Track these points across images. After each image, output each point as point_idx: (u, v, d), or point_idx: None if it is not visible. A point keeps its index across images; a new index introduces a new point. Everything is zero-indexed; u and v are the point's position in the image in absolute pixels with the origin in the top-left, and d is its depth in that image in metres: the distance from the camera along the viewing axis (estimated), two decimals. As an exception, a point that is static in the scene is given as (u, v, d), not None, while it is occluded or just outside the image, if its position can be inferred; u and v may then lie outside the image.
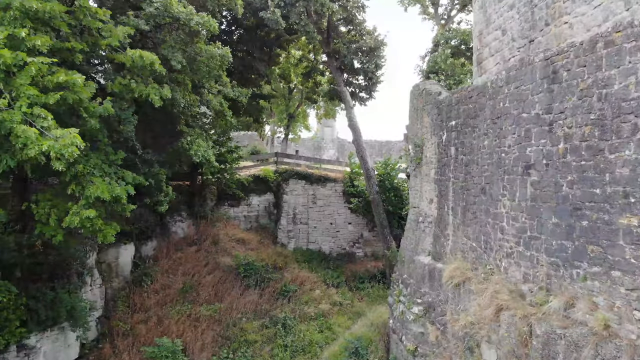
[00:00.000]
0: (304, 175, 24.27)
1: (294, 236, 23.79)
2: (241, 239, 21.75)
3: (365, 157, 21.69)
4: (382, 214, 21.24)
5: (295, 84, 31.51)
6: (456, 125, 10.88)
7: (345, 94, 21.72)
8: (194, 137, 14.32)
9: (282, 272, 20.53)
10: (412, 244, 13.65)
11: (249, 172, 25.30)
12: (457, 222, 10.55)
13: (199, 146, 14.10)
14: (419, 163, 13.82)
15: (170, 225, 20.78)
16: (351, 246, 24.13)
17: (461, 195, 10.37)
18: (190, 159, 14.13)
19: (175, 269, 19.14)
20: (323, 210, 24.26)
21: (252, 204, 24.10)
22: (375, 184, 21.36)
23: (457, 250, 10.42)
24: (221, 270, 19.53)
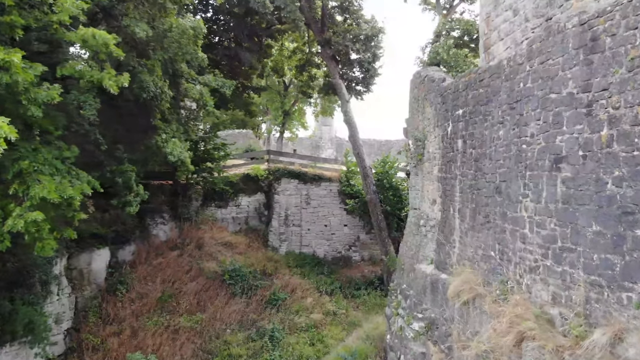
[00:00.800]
0: (297, 174, 22.75)
1: (286, 239, 22.26)
2: (228, 242, 20.22)
3: (361, 154, 20.17)
4: (379, 215, 19.72)
5: (289, 78, 29.96)
6: (464, 114, 9.35)
7: (341, 86, 20.20)
8: (170, 134, 12.78)
9: (272, 279, 19.00)
10: (412, 250, 12.11)
11: (239, 170, 23.78)
12: (465, 227, 9.02)
13: (175, 145, 12.56)
14: (420, 159, 12.30)
15: (151, 228, 19.24)
16: (347, 250, 22.61)
17: (470, 195, 8.84)
18: (165, 157, 12.60)
19: (155, 276, 17.61)
20: (317, 212, 22.74)
21: (242, 205, 22.57)
22: (372, 183, 19.84)
23: (465, 260, 8.89)
24: (205, 277, 18.00)
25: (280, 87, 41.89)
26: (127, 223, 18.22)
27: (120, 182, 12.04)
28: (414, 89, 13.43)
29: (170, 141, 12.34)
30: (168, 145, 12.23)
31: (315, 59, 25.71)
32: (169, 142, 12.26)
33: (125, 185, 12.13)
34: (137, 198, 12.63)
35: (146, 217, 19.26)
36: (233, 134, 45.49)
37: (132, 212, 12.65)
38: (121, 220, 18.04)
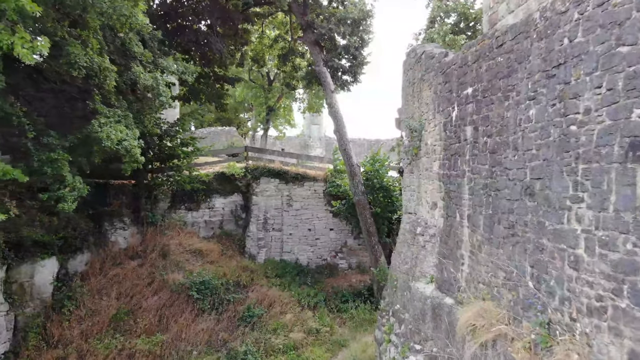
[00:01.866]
0: (278, 172, 20.54)
1: (265, 245, 20.04)
2: (198, 249, 17.93)
3: (348, 150, 18.03)
4: (368, 219, 17.60)
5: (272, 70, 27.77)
6: (475, 93, 7.24)
7: (325, 74, 18.04)
8: (112, 118, 10.51)
9: (247, 291, 16.76)
10: (406, 264, 9.99)
11: (214, 169, 21.50)
12: (477, 239, 6.91)
13: (118, 131, 10.29)
14: (415, 154, 10.19)
15: (109, 234, 16.89)
16: (333, 256, 20.45)
17: (485, 197, 6.73)
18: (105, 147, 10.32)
19: (110, 289, 15.27)
20: (300, 215, 20.55)
21: (216, 207, 20.29)
22: (360, 183, 17.71)
23: (479, 283, 6.78)
24: (169, 291, 15.70)
25: (264, 82, 39.76)
26: (80, 228, 15.86)
27: (49, 172, 9.72)
28: (407, 71, 11.33)
29: (110, 125, 10.06)
30: (103, 130, 9.94)
31: (300, 48, 23.51)
32: (105, 127, 9.97)
33: (56, 177, 9.81)
34: (74, 193, 10.31)
35: (103, 222, 16.92)
36: (215, 132, 43.18)
37: (68, 210, 10.35)
38: (72, 224, 15.69)
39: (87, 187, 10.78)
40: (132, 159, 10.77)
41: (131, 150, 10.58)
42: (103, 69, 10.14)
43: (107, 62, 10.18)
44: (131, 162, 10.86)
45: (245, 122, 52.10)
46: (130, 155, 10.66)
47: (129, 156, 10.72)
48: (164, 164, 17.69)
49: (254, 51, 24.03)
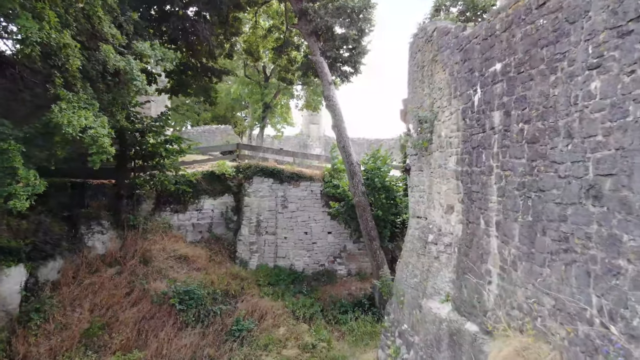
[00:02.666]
0: (272, 171, 19.08)
1: (258, 250, 18.58)
2: (184, 255, 16.46)
3: (347, 147, 16.58)
4: (369, 222, 16.14)
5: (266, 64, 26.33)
6: (505, 69, 5.80)
7: (322, 64, 16.58)
8: (76, 104, 9.06)
9: (236, 302, 15.29)
10: (415, 277, 8.54)
11: (204, 167, 20.04)
12: (511, 253, 5.46)
13: (82, 117, 8.84)
14: (426, 149, 8.74)
15: (85, 238, 15.41)
16: (331, 262, 18.99)
17: (522, 200, 5.29)
18: (68, 136, 8.86)
19: (83, 300, 13.80)
20: (296, 217, 19.09)
21: (204, 209, 18.81)
22: (361, 183, 16.25)
23: (514, 308, 5.33)
24: (149, 301, 14.23)
25: (261, 78, 38.28)
26: (52, 232, 14.41)
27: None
28: (415, 54, 9.90)
29: (72, 111, 8.61)
30: (64, 115, 8.49)
31: (296, 40, 22.07)
32: (67, 112, 8.52)
33: (6, 170, 8.36)
34: (27, 189, 8.85)
35: (79, 225, 15.46)
36: (210, 130, 41.80)
37: (20, 208, 8.89)
38: (43, 228, 14.25)
39: (45, 184, 9.31)
40: (99, 149, 9.29)
41: (98, 139, 9.10)
42: (63, 46, 8.67)
43: (67, 38, 8.71)
44: (99, 154, 9.38)
45: (242, 121, 50.70)
46: (98, 145, 9.19)
47: (96, 146, 9.25)
48: (146, 162, 16.23)
49: (247, 43, 22.57)
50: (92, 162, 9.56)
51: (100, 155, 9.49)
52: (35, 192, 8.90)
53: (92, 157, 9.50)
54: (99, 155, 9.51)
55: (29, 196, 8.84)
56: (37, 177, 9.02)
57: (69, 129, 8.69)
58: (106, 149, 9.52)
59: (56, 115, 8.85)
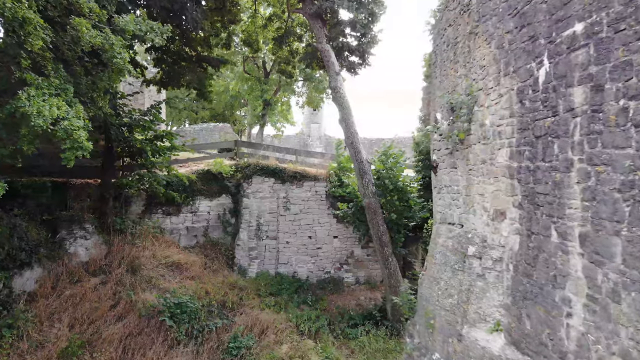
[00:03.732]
0: (273, 170, 17.59)
1: (258, 256, 17.08)
2: (176, 262, 14.95)
3: (356, 144, 15.09)
4: (381, 226, 14.65)
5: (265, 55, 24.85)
6: (592, 30, 4.31)
7: (329, 53, 15.09)
8: (47, 90, 7.57)
9: (234, 315, 13.78)
10: (450, 297, 7.04)
11: (199, 166, 18.56)
12: (610, 277, 3.97)
13: (54, 106, 7.36)
14: (461, 141, 7.25)
15: (67, 244, 13.90)
16: (337, 269, 17.50)
17: (629, 206, 3.79)
18: (34, 128, 7.36)
19: (62, 314, 12.28)
20: (299, 220, 17.60)
21: (200, 211, 17.31)
22: (371, 183, 14.75)
23: (615, 355, 3.84)
24: (137, 315, 12.71)
25: (260, 73, 36.79)
26: (29, 237, 12.89)
27: None
28: (442, 32, 8.41)
29: (42, 99, 7.14)
30: (33, 103, 7.02)
31: (298, 30, 20.58)
32: (36, 100, 7.04)
33: None
34: None
35: (60, 229, 13.95)
36: (208, 128, 40.33)
37: None
38: (18, 233, 12.72)
39: (4, 186, 7.80)
40: (74, 144, 7.80)
41: (72, 133, 7.61)
42: (23, 20, 7.17)
43: (28, 12, 7.21)
44: (74, 149, 7.89)
45: (241, 119, 49.28)
46: (73, 140, 7.70)
47: (71, 141, 7.75)
48: (134, 161, 14.73)
49: (245, 33, 21.06)
50: (66, 159, 8.05)
51: (74, 151, 7.99)
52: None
53: (66, 154, 8.00)
54: (74, 151, 8.01)
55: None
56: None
57: (39, 121, 7.20)
58: (82, 144, 8.02)
59: (24, 104, 7.36)
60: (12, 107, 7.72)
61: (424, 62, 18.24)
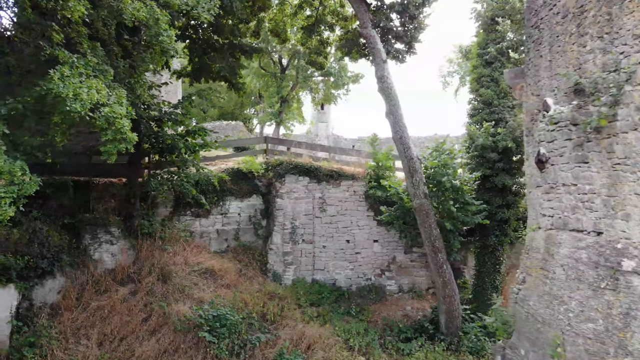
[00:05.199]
0: (307, 169, 16.25)
1: (293, 262, 15.75)
2: (210, 269, 13.65)
3: (405, 139, 13.76)
4: (433, 230, 13.31)
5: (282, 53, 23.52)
6: None
7: (374, 39, 13.77)
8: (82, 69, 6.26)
9: (276, 328, 12.46)
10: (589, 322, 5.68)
11: (227, 164, 17.26)
12: None
13: (93, 88, 6.06)
14: (597, 129, 5.92)
15: (91, 250, 12.62)
16: (378, 275, 16.16)
17: None
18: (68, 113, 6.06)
19: (90, 329, 11.00)
20: (336, 222, 16.27)
21: (230, 213, 16.00)
22: (422, 182, 13.42)
23: None
24: (172, 329, 11.41)
25: (276, 69, 35.53)
26: (50, 243, 11.60)
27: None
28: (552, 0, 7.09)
29: (78, 80, 5.85)
30: (68, 85, 5.73)
31: (329, 18, 19.25)
32: (71, 80, 5.75)
33: None
34: (13, 189, 6.04)
35: (83, 234, 12.66)
36: (220, 126, 39.09)
37: (2, 219, 6.08)
38: (39, 238, 11.44)
39: (37, 181, 6.50)
40: (116, 135, 6.50)
41: (114, 121, 6.32)
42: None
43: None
44: (116, 142, 6.59)
45: (251, 118, 48.06)
46: (115, 130, 6.40)
47: (112, 131, 6.46)
48: (163, 158, 13.41)
49: (272, 22, 19.72)
50: (106, 153, 6.76)
51: (116, 143, 6.68)
52: (23, 193, 6.10)
53: (107, 147, 6.71)
54: (115, 143, 6.70)
55: (13, 200, 6.03)
56: (27, 171, 6.22)
57: (76, 105, 5.91)
58: (125, 135, 6.73)
59: (56, 85, 6.07)
60: (41, 90, 6.42)
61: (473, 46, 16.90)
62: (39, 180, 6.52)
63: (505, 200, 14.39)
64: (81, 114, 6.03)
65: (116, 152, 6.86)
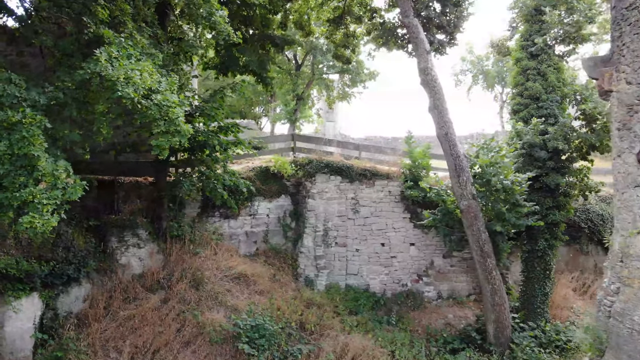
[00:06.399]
0: (339, 168, 15.34)
1: (326, 266, 14.86)
2: (242, 274, 12.77)
3: (452, 135, 12.85)
4: (482, 233, 12.42)
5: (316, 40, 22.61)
6: None
7: (417, 28, 12.87)
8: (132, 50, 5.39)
9: (316, 339, 11.59)
10: None
11: (252, 163, 16.39)
12: None
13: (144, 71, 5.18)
14: None
15: (118, 254, 11.75)
16: (415, 281, 15.26)
17: None
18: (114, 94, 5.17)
19: (121, 341, 10.14)
20: (370, 224, 15.38)
21: (259, 214, 15.13)
22: (470, 182, 12.52)
23: None
24: (207, 340, 10.55)
25: (291, 66, 34.61)
26: (75, 247, 10.73)
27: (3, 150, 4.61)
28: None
29: (128, 60, 4.98)
30: (117, 67, 4.85)
31: (356, 9, 18.34)
32: (120, 62, 4.88)
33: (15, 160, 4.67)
34: (56, 194, 5.14)
35: (109, 236, 11.79)
36: (233, 124, 38.13)
37: (44, 230, 5.19)
38: (64, 242, 10.58)
39: (83, 184, 5.62)
40: (169, 127, 5.62)
41: (168, 111, 5.44)
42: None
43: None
44: (169, 135, 5.71)
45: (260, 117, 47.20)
46: (169, 121, 5.53)
47: (166, 123, 5.58)
48: (194, 156, 12.49)
49: (297, 14, 18.79)
50: (157, 148, 5.90)
51: (170, 137, 5.79)
52: (67, 198, 5.21)
53: (158, 140, 5.84)
54: (168, 136, 5.81)
55: (57, 207, 5.13)
56: (70, 172, 5.34)
57: (129, 90, 5.03)
58: (179, 127, 5.84)
59: (104, 67, 5.20)
60: (85, 73, 5.54)
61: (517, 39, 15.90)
62: (84, 183, 5.65)
63: (555, 201, 13.47)
64: (134, 100, 5.16)
65: (168, 145, 5.97)
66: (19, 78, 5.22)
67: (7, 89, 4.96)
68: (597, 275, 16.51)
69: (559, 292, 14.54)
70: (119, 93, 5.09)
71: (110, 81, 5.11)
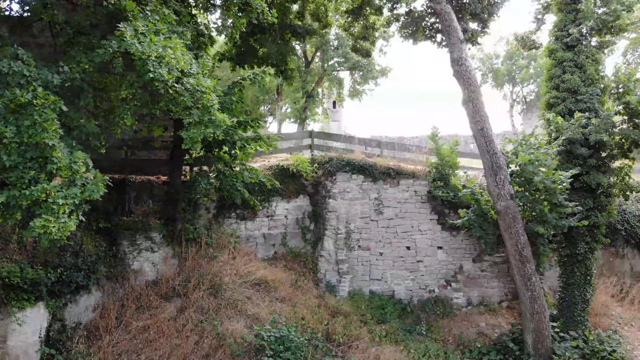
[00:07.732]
0: (361, 166, 14.44)
1: (348, 271, 13.94)
2: (262, 280, 11.88)
3: (488, 131, 11.94)
4: (521, 236, 11.51)
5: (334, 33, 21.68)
6: None
7: (450, 15, 11.98)
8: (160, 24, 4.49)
9: (345, 350, 10.69)
10: None
11: (268, 161, 15.51)
12: None
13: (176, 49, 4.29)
14: None
15: (130, 259, 10.87)
16: (443, 287, 14.33)
17: None
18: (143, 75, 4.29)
19: (135, 354, 9.25)
20: (394, 226, 14.46)
21: (276, 215, 14.25)
22: (507, 181, 11.60)
23: None
24: (228, 353, 9.66)
25: (301, 63, 33.75)
26: (85, 252, 9.86)
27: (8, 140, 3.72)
28: None
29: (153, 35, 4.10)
30: (145, 45, 3.96)
31: (376, 1, 17.44)
32: (147, 39, 3.99)
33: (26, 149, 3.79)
34: (73, 193, 4.26)
35: (120, 240, 10.91)
36: (239, 123, 37.23)
37: (60, 236, 4.30)
38: (72, 247, 9.70)
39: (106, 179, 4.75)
40: (203, 116, 4.75)
41: (202, 97, 4.57)
42: None
43: None
44: (203, 125, 4.84)
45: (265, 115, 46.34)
46: (203, 109, 4.65)
47: (199, 111, 4.71)
48: (211, 153, 11.60)
49: (313, 4, 17.89)
50: (189, 141, 5.04)
51: (203, 128, 4.91)
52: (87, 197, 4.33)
53: (190, 132, 4.96)
54: (202, 128, 4.93)
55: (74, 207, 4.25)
56: (90, 166, 4.46)
57: (162, 71, 4.15)
58: (213, 117, 4.95)
59: (128, 44, 4.32)
60: (106, 53, 4.65)
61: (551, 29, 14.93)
62: (106, 178, 4.77)
63: (596, 202, 12.55)
64: (167, 83, 4.27)
65: (201, 137, 5.09)
66: (28, 55, 4.37)
67: (13, 66, 4.10)
68: (635, 279, 15.61)
69: (598, 299, 13.61)
70: (151, 75, 4.21)
71: (141, 60, 4.23)
